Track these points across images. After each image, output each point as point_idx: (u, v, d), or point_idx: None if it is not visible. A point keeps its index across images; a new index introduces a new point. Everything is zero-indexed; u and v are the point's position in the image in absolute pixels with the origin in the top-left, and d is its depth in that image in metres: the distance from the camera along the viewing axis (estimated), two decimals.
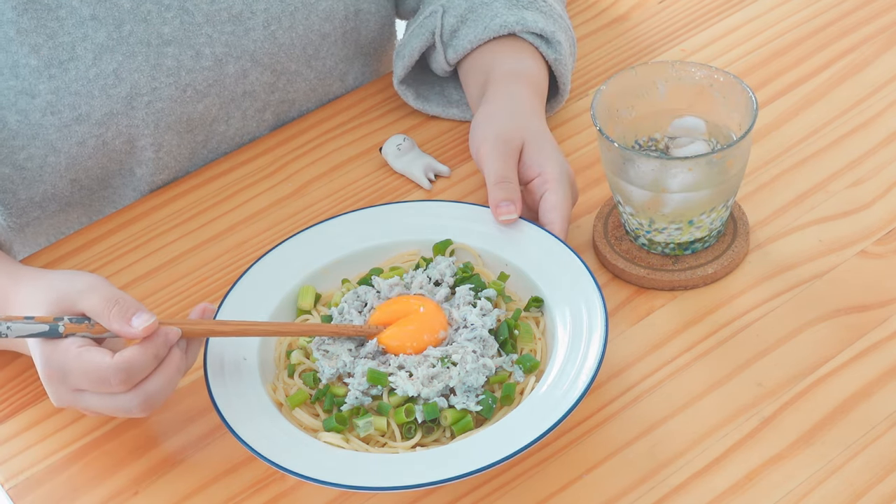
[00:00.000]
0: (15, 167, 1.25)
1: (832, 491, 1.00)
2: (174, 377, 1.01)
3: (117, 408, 1.01)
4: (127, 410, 1.00)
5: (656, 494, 1.01)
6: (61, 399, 1.02)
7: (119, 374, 0.98)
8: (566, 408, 1.00)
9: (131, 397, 1.00)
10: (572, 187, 1.17)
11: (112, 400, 1.00)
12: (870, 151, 1.25)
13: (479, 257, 1.15)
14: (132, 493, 1.06)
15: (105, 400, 1.00)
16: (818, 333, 1.10)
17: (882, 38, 1.37)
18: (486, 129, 1.19)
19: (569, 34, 1.31)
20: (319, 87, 1.37)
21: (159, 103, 1.26)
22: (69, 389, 1.01)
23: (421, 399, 1.04)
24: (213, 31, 1.26)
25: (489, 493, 1.03)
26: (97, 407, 1.01)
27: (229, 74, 1.29)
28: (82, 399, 1.01)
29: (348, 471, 1.00)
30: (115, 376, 0.98)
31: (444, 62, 1.31)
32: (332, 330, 1.08)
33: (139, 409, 1.00)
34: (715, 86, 1.14)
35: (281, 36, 1.30)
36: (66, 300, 1.01)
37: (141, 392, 1.00)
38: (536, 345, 1.09)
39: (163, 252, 1.25)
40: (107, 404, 1.01)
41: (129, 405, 1.00)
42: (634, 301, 1.15)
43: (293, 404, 1.06)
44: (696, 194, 1.11)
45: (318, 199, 1.28)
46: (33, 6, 1.19)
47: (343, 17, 1.34)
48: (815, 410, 1.05)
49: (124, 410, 1.01)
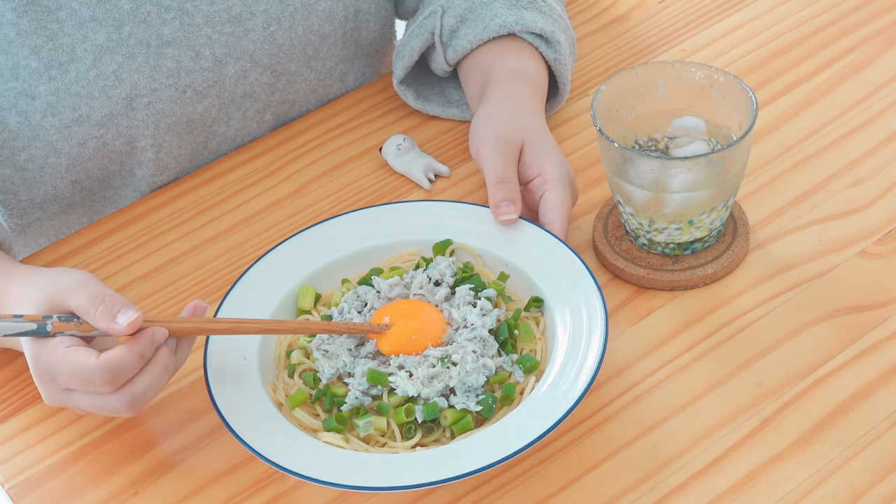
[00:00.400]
0: (16, 168, 1.25)
1: (832, 491, 1.00)
2: (161, 377, 1.01)
3: (104, 407, 1.01)
4: (114, 410, 1.00)
5: (656, 494, 1.01)
6: (52, 398, 1.02)
7: (104, 375, 0.98)
8: (566, 408, 1.00)
9: (118, 398, 1.00)
10: (572, 187, 1.17)
11: (99, 399, 1.00)
12: (870, 151, 1.25)
13: (479, 257, 1.15)
14: (132, 494, 1.06)
15: (92, 399, 1.00)
16: (818, 333, 1.10)
17: (882, 38, 1.37)
18: (486, 129, 1.19)
19: (568, 34, 1.31)
20: (319, 87, 1.37)
21: (159, 104, 1.26)
22: (58, 389, 1.01)
23: (421, 399, 1.04)
24: (212, 32, 1.26)
25: (489, 493, 1.03)
26: (86, 406, 1.01)
27: (229, 75, 1.29)
28: (71, 398, 1.01)
29: (348, 471, 1.00)
30: (100, 377, 0.98)
31: (443, 62, 1.31)
32: (326, 327, 1.08)
33: (125, 409, 1.00)
34: (715, 86, 1.14)
35: (280, 37, 1.30)
36: (55, 298, 1.01)
37: (127, 392, 1.00)
38: (536, 345, 1.09)
39: (163, 252, 1.25)
40: (94, 404, 1.01)
41: (115, 405, 1.00)
42: (634, 301, 1.15)
43: (293, 404, 1.06)
44: (697, 194, 1.11)
45: (318, 199, 1.28)
46: (33, 8, 1.19)
47: (343, 18, 1.34)
48: (815, 410, 1.05)
49: (111, 410, 1.00)
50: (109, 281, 1.22)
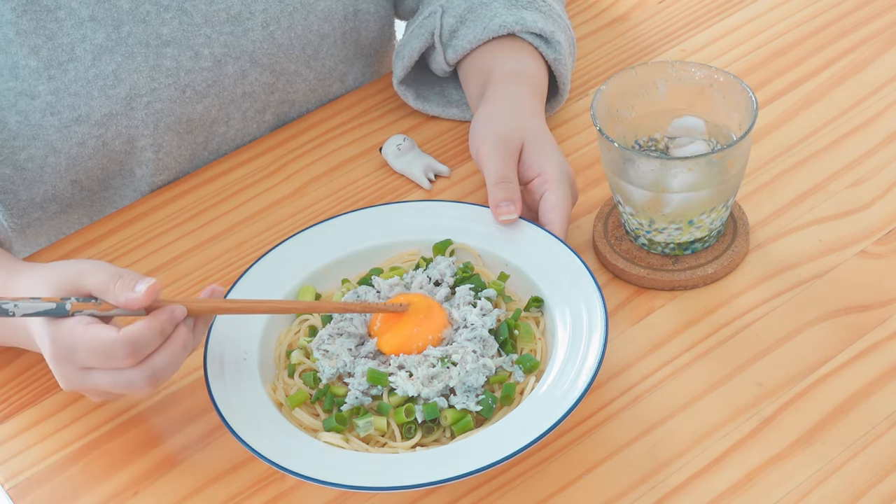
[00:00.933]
0: (15, 168, 1.25)
1: (832, 491, 1.00)
2: (180, 353, 1.02)
3: (123, 383, 1.00)
4: (133, 385, 1.00)
5: (656, 494, 1.01)
6: (69, 379, 1.02)
7: (125, 348, 0.98)
8: (566, 408, 1.00)
9: (138, 372, 1.00)
10: (572, 187, 1.17)
11: (119, 375, 1.00)
12: (870, 151, 1.25)
13: (479, 257, 1.15)
14: (132, 493, 1.06)
15: (112, 376, 1.00)
16: (818, 333, 1.10)
17: (882, 38, 1.37)
18: (486, 129, 1.19)
19: (568, 34, 1.31)
20: (319, 87, 1.37)
21: (158, 104, 1.26)
22: (76, 368, 1.01)
23: (421, 399, 1.04)
24: (211, 31, 1.26)
25: (489, 493, 1.03)
26: (104, 384, 1.01)
27: (228, 75, 1.29)
28: (89, 377, 1.01)
29: (348, 471, 1.00)
30: (121, 349, 0.98)
31: (443, 62, 1.31)
32: (340, 307, 1.08)
33: (145, 382, 1.00)
34: (715, 86, 1.14)
35: (280, 36, 1.30)
36: (70, 282, 1.02)
37: (147, 367, 1.00)
38: (536, 345, 1.09)
39: (163, 252, 1.25)
40: (114, 380, 1.00)
41: (135, 379, 1.00)
42: (634, 301, 1.15)
43: (293, 404, 1.06)
44: (697, 194, 1.11)
45: (318, 199, 1.28)
46: (32, 7, 1.19)
47: (342, 18, 1.34)
48: (815, 410, 1.05)
49: (130, 386, 1.00)
50: None
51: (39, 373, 1.15)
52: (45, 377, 1.14)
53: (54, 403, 1.13)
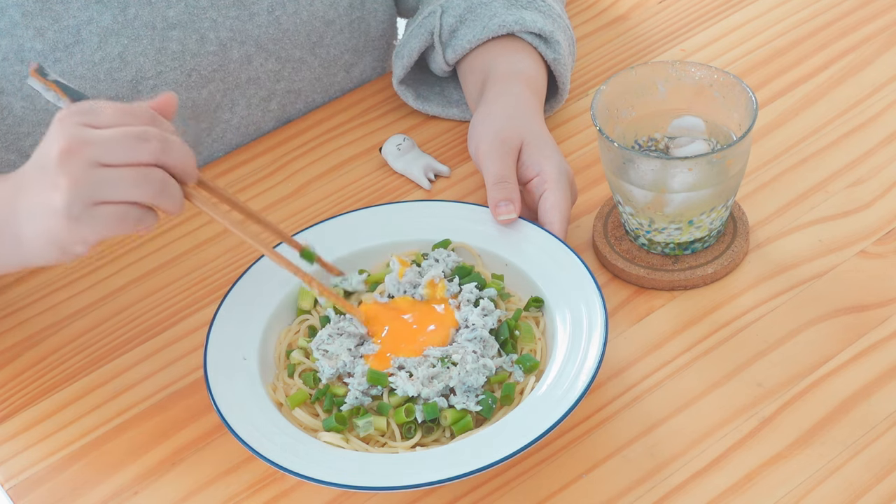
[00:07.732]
0: (20, 154, 1.25)
1: (832, 491, 1.00)
2: (189, 152, 1.00)
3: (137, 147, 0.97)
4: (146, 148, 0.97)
5: (656, 494, 1.01)
6: (77, 177, 0.97)
7: (148, 111, 0.99)
8: (566, 408, 1.00)
9: (154, 130, 0.97)
10: (571, 187, 1.17)
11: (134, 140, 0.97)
12: (870, 151, 1.25)
13: (479, 257, 1.15)
14: (132, 493, 1.06)
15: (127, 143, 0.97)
16: (818, 333, 1.10)
17: (882, 38, 1.37)
18: (485, 129, 1.20)
19: (568, 34, 1.31)
20: (324, 76, 1.37)
21: (164, 88, 1.26)
22: (86, 162, 0.96)
23: (421, 399, 1.04)
24: (217, 14, 1.27)
25: (489, 493, 1.03)
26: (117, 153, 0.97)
27: (233, 60, 1.29)
28: (97, 174, 0.97)
29: (348, 471, 1.00)
30: (144, 111, 0.98)
31: (442, 62, 1.31)
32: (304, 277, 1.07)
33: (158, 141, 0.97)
34: (715, 86, 1.14)
35: (285, 21, 1.30)
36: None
37: (162, 136, 0.98)
38: (536, 345, 1.09)
39: (163, 252, 1.25)
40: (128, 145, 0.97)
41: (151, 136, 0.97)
42: (634, 301, 1.15)
43: (293, 404, 1.06)
44: (697, 194, 1.11)
45: (317, 199, 1.28)
46: None
47: (348, 5, 1.34)
48: (814, 410, 1.05)
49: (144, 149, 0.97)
50: (109, 281, 1.22)
51: (39, 373, 1.15)
52: (46, 377, 1.15)
53: (54, 403, 1.13)
